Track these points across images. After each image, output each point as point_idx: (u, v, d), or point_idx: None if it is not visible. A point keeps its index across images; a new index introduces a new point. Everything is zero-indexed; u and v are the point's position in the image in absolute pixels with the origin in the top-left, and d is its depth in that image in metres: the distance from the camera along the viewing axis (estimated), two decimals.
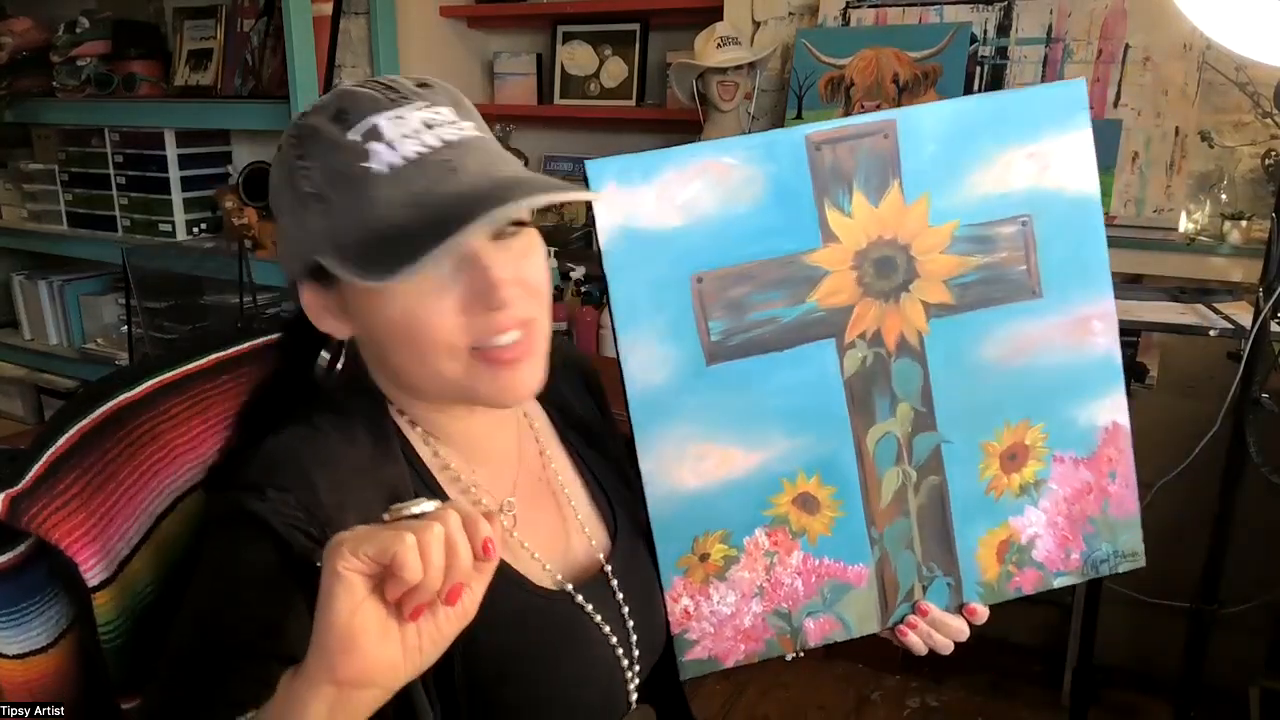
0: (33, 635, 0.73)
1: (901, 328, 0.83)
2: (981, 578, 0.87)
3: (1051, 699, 2.07)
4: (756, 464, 0.82)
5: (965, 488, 0.85)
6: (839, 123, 0.80)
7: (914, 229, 0.82)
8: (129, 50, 2.70)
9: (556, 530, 0.80)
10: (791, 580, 0.84)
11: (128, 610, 0.74)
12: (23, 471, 0.71)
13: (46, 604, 0.74)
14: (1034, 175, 0.83)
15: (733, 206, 0.79)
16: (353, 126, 0.65)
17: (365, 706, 0.53)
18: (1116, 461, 0.87)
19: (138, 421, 0.79)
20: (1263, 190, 1.84)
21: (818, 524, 0.84)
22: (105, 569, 0.72)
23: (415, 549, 0.50)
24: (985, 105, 0.83)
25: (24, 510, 0.69)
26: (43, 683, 0.73)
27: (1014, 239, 0.83)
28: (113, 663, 0.73)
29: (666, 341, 0.80)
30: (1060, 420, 0.86)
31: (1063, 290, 0.84)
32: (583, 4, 2.66)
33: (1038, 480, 0.86)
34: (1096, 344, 0.85)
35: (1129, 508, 0.88)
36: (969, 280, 0.83)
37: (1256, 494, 1.56)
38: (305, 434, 0.70)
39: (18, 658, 0.72)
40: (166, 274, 2.57)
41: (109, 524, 0.73)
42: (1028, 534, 0.87)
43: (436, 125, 0.66)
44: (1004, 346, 0.84)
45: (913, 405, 0.84)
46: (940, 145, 0.81)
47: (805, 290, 0.81)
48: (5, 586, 0.71)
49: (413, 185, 0.64)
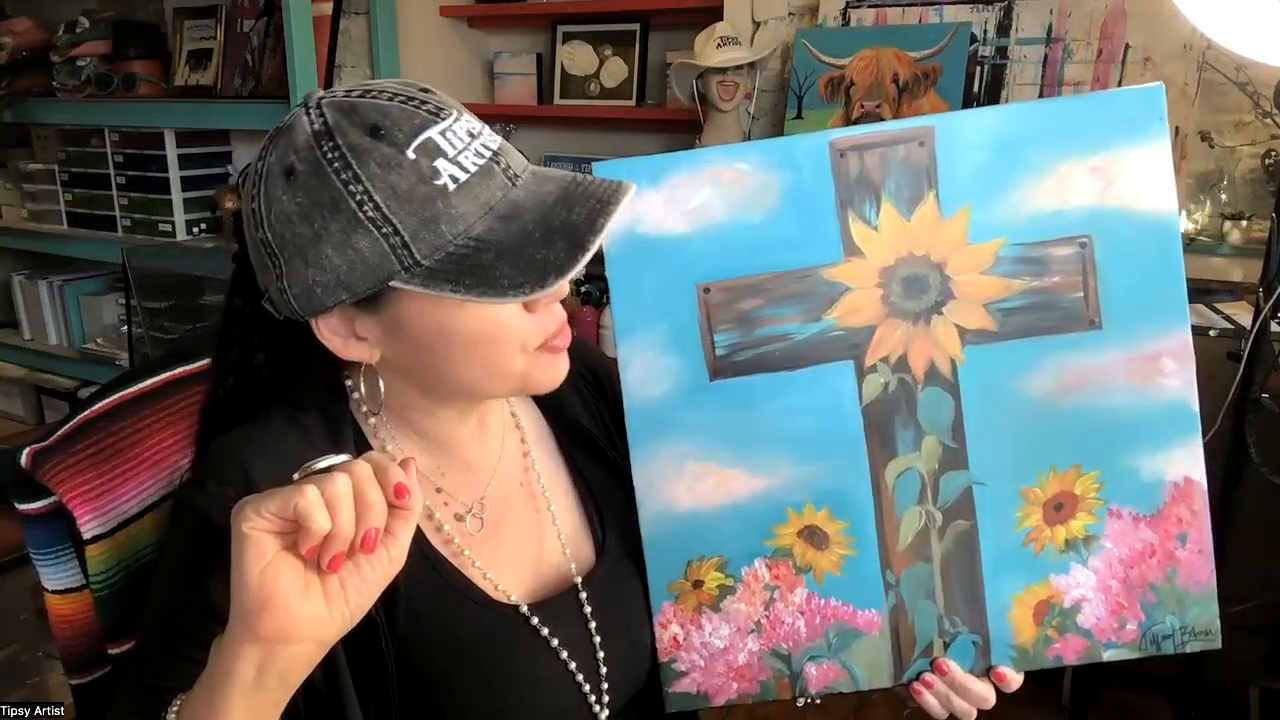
0: (71, 574, 0.80)
1: (931, 353, 0.75)
2: (1015, 640, 0.77)
3: (1051, 699, 2.01)
4: (761, 490, 0.77)
5: (999, 537, 0.76)
6: (869, 128, 0.74)
7: (950, 246, 0.75)
8: (129, 50, 2.69)
9: (528, 541, 0.77)
10: (793, 619, 0.78)
11: (123, 566, 0.79)
12: (54, 430, 0.80)
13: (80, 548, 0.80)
14: (1097, 191, 0.74)
15: (746, 214, 0.75)
16: (407, 143, 0.62)
17: (298, 663, 0.54)
18: (1189, 523, 0.76)
19: (174, 398, 0.84)
20: (1263, 190, 1.82)
21: (825, 561, 0.77)
22: (101, 525, 0.77)
23: (319, 500, 0.51)
24: (1041, 111, 0.75)
25: (41, 464, 0.77)
26: (83, 617, 0.80)
27: (1069, 262, 0.74)
28: (102, 610, 0.79)
29: (668, 353, 0.76)
30: (1118, 470, 0.75)
31: (1126, 322, 0.74)
32: (583, 4, 2.63)
33: (1088, 536, 0.76)
34: (1167, 385, 0.75)
35: (1202, 578, 0.76)
36: (1014, 305, 0.75)
37: (1256, 494, 1.53)
38: (253, 430, 0.71)
39: (59, 593, 0.80)
40: (166, 274, 2.55)
41: (118, 486, 0.79)
42: (1072, 595, 0.76)
43: (478, 135, 0.66)
44: (1053, 381, 0.75)
45: (941, 440, 0.76)
46: (986, 154, 0.74)
47: (823, 307, 0.75)
48: (43, 529, 0.79)
49: (481, 196, 0.63)
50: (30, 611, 1.75)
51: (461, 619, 0.71)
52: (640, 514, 0.77)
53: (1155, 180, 0.74)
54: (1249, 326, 1.43)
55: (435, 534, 0.74)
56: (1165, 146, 0.73)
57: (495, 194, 0.64)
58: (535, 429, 0.83)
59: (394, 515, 0.54)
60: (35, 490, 0.78)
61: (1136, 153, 0.73)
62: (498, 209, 0.64)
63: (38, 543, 0.79)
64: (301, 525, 0.51)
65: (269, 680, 0.52)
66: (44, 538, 0.79)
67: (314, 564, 0.53)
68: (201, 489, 0.67)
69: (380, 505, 0.53)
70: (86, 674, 0.81)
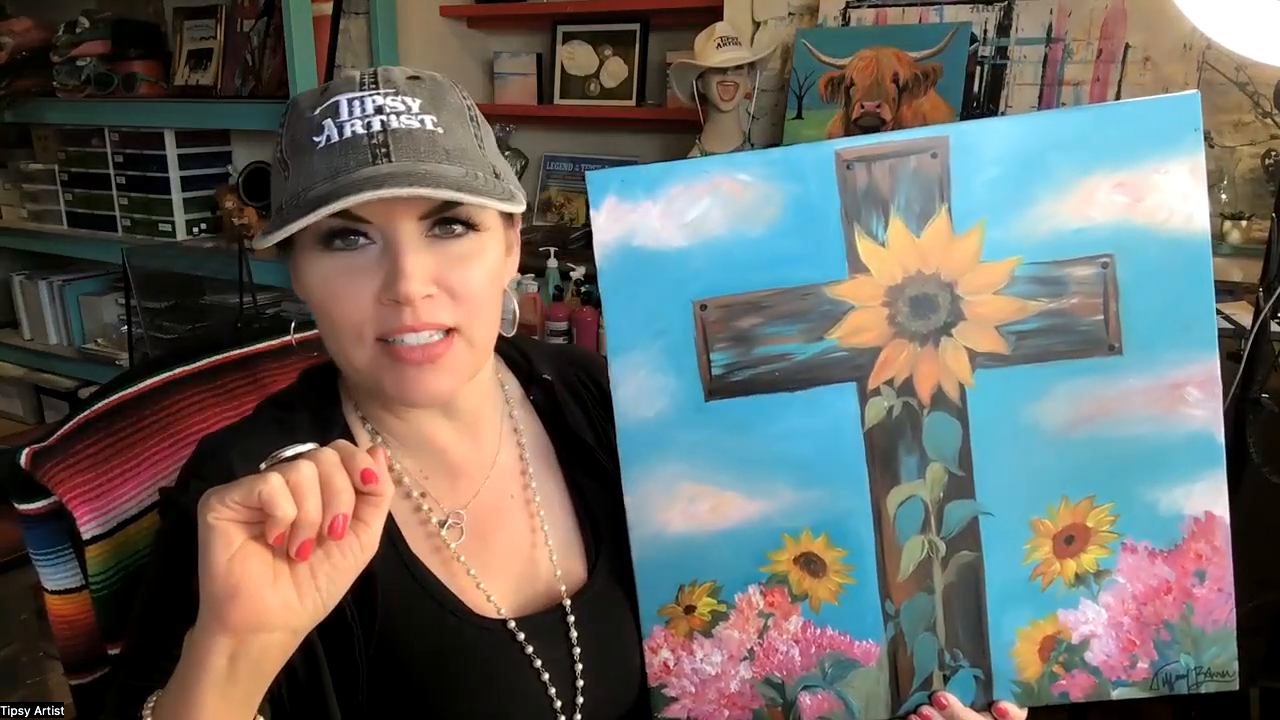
0: (70, 575, 0.80)
1: (939, 377, 0.72)
2: (1018, 675, 0.74)
3: None
4: (756, 514, 0.74)
5: (1006, 569, 0.73)
6: (878, 138, 0.70)
7: (962, 264, 0.70)
8: (129, 50, 2.69)
9: (517, 552, 0.76)
10: (788, 648, 0.75)
11: (123, 566, 0.80)
12: (54, 430, 0.80)
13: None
14: (1122, 208, 0.69)
15: (746, 228, 0.71)
16: (322, 103, 0.66)
17: (271, 652, 0.54)
18: (1209, 560, 0.72)
19: (173, 399, 0.84)
20: (1263, 190, 1.82)
21: (822, 589, 0.74)
22: (100, 525, 0.77)
23: (283, 488, 0.51)
24: (1065, 121, 0.70)
25: (41, 464, 0.77)
26: (82, 618, 0.80)
27: (1090, 283, 0.70)
28: (101, 610, 0.79)
29: (663, 371, 0.73)
30: (1134, 502, 0.71)
31: (1149, 347, 0.70)
32: (583, 4, 2.60)
33: (1099, 570, 0.72)
34: (1191, 416, 0.70)
35: (1220, 618, 0.73)
36: (1029, 328, 0.71)
37: (1256, 494, 1.48)
38: (241, 429, 0.71)
39: (58, 593, 0.80)
40: (166, 274, 2.56)
41: (118, 486, 0.79)
42: (1081, 631, 0.73)
43: (388, 112, 0.65)
44: (1068, 409, 0.71)
45: (947, 467, 0.72)
46: (1003, 168, 0.69)
47: (825, 326, 0.72)
48: (43, 530, 0.79)
49: (334, 161, 0.64)
50: (30, 611, 1.78)
51: (438, 628, 0.70)
52: (631, 536, 0.75)
53: (1187, 197, 0.69)
54: (1249, 326, 1.40)
55: (424, 540, 0.73)
56: (1199, 160, 0.68)
57: (344, 163, 0.63)
58: (537, 442, 0.81)
59: (363, 502, 0.54)
60: (35, 490, 0.78)
61: (1168, 167, 0.69)
62: (337, 176, 0.63)
63: (37, 543, 0.80)
64: (267, 512, 0.51)
65: (241, 670, 0.53)
66: (44, 538, 0.80)
67: (283, 553, 0.53)
68: (184, 488, 0.67)
69: (347, 492, 0.53)
70: (86, 674, 0.81)
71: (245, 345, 0.91)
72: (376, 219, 0.64)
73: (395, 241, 0.64)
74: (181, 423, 0.85)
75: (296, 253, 0.68)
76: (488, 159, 0.68)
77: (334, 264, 0.65)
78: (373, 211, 0.64)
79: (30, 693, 1.78)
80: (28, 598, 1.75)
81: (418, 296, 0.64)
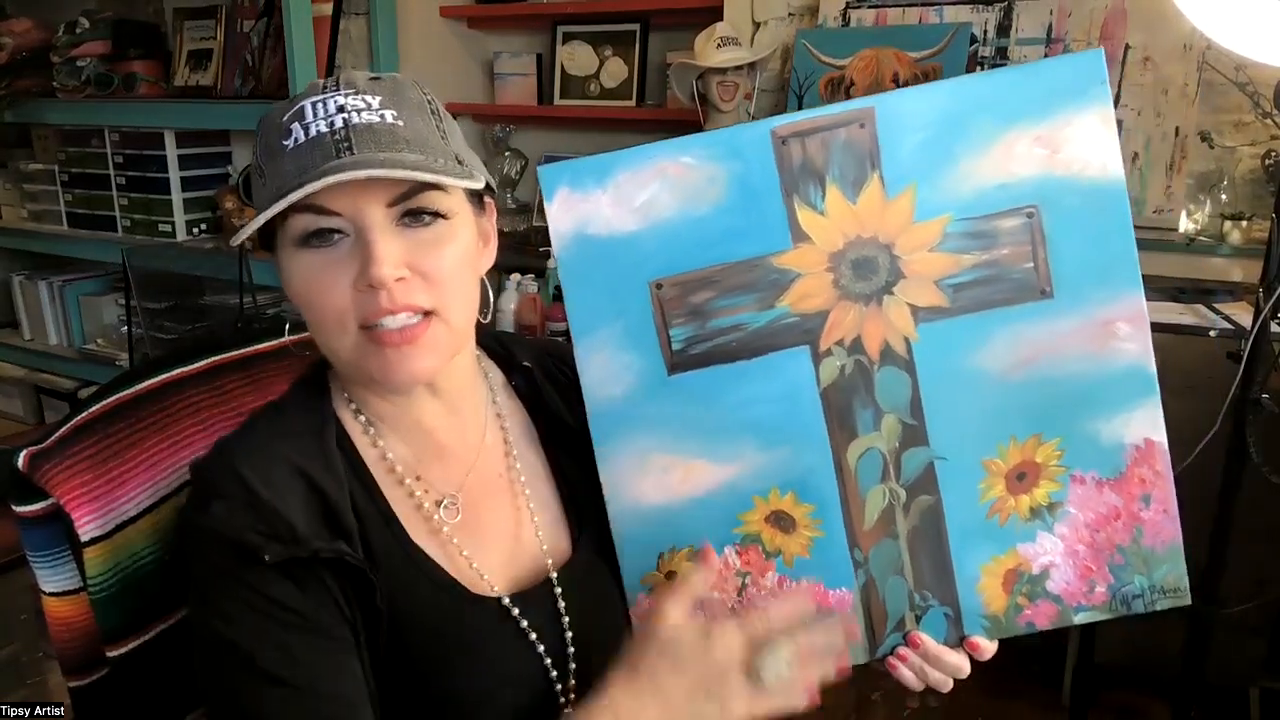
0: (68, 576, 0.81)
1: (885, 333, 0.76)
2: (986, 610, 0.78)
3: (1051, 699, 2.05)
4: (726, 479, 0.78)
5: (964, 510, 0.77)
6: (809, 113, 0.74)
7: (897, 225, 0.75)
8: (129, 50, 2.71)
9: (506, 530, 0.80)
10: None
11: (121, 568, 0.80)
12: (52, 432, 0.81)
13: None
14: (1042, 161, 0.74)
15: (693, 208, 0.75)
16: (289, 110, 0.70)
17: None
18: (1151, 484, 0.76)
19: (172, 400, 0.86)
20: (1263, 190, 1.83)
21: (794, 544, 0.78)
22: (99, 527, 0.78)
23: None
24: (980, 85, 0.74)
25: (39, 466, 0.78)
26: (80, 620, 0.81)
27: (1018, 233, 0.75)
28: (100, 613, 0.80)
29: (626, 351, 0.77)
30: (1078, 436, 0.76)
31: (1079, 289, 0.74)
32: (583, 4, 2.63)
33: (1052, 503, 0.77)
34: (1123, 350, 0.75)
35: (1168, 537, 0.77)
36: (964, 280, 0.75)
37: (1256, 494, 1.53)
38: (233, 440, 0.73)
39: (56, 595, 0.81)
40: (166, 274, 2.58)
41: (116, 488, 0.80)
42: (1040, 563, 0.77)
43: (350, 110, 0.69)
44: (1008, 353, 0.75)
45: (900, 418, 0.76)
46: (928, 133, 0.74)
47: (775, 295, 0.76)
48: (41, 532, 0.80)
49: (302, 159, 0.67)
50: (30, 612, 1.77)
51: (436, 609, 0.73)
52: (609, 510, 0.78)
53: (1100, 145, 0.73)
54: (1249, 326, 1.42)
55: (421, 524, 0.76)
56: (1108, 111, 0.73)
57: (311, 160, 0.67)
58: (519, 425, 0.85)
59: None
60: (33, 492, 0.78)
61: (1079, 119, 0.73)
62: (305, 173, 0.67)
63: (35, 545, 0.80)
64: None
65: None
66: (41, 540, 0.80)
67: None
68: (207, 509, 0.69)
69: None
70: (85, 676, 0.82)
71: (245, 345, 0.92)
72: (345, 210, 0.68)
73: (364, 229, 0.68)
74: (180, 424, 0.86)
75: (280, 256, 0.72)
76: (451, 149, 0.72)
77: (313, 260, 0.70)
78: (340, 203, 0.67)
79: (30, 693, 1.78)
80: (27, 598, 1.75)
81: (390, 279, 0.67)
